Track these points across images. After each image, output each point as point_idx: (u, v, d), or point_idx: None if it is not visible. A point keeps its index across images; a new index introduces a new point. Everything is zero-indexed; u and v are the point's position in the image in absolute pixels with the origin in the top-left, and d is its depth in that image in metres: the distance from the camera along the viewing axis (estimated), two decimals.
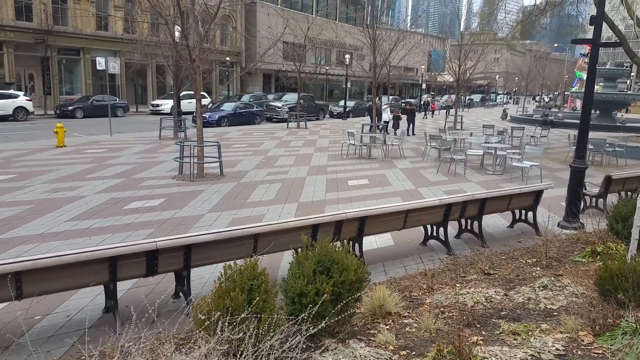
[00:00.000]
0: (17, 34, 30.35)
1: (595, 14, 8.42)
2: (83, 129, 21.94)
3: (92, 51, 33.63)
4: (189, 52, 11.37)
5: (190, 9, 12.04)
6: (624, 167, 14.94)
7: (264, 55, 17.30)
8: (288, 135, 21.77)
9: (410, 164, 14.55)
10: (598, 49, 8.38)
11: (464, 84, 29.41)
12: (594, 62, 8.41)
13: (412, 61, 56.44)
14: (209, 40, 22.02)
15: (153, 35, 23.73)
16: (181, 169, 11.55)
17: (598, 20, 8.19)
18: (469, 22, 32.93)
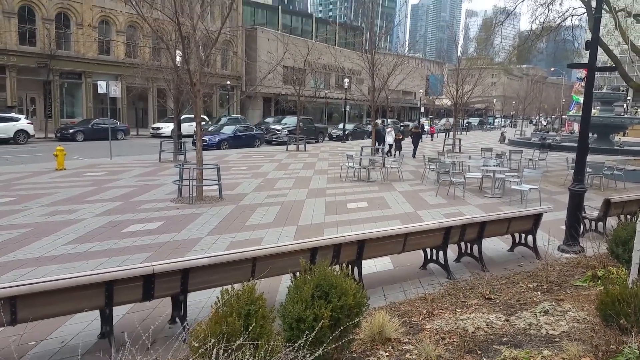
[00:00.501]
0: (20, 58, 30.73)
1: (590, 39, 8.53)
2: (83, 152, 22.01)
3: (93, 75, 33.98)
4: (190, 76, 11.48)
5: (191, 34, 12.20)
6: (622, 190, 14.95)
7: (264, 79, 17.49)
8: (287, 158, 21.83)
9: (409, 187, 14.56)
10: (594, 73, 8.49)
11: (462, 107, 29.65)
12: (590, 86, 8.49)
13: (411, 85, 56.99)
14: (210, 65, 22.29)
15: (154, 59, 24.01)
16: (180, 191, 11.54)
17: (593, 45, 8.30)
18: (466, 47, 33.39)
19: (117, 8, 34.95)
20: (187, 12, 12.57)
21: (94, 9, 34.48)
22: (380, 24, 55.88)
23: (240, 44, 46.21)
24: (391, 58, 25.92)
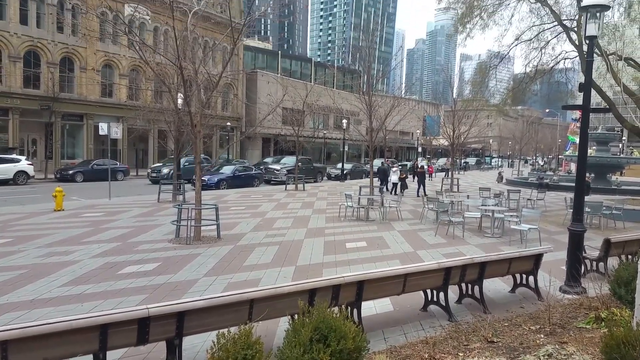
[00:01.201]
0: (24, 100, 31.22)
1: (583, 81, 8.71)
2: (82, 193, 22.02)
3: (95, 117, 34.45)
4: (191, 118, 11.65)
5: (193, 77, 12.46)
6: (622, 230, 14.90)
7: (264, 120, 17.74)
8: (286, 198, 21.84)
9: (408, 226, 14.51)
10: (588, 115, 8.61)
11: (459, 147, 29.94)
12: (585, 127, 8.61)
13: (408, 126, 57.85)
14: (211, 107, 22.66)
15: (156, 101, 24.42)
16: (178, 232, 11.48)
17: (586, 88, 8.47)
18: (461, 90, 34.06)
19: (120, 52, 35.79)
20: (190, 57, 12.90)
21: (98, 53, 35.31)
22: (377, 67, 57.09)
23: (241, 86, 47.12)
24: (388, 100, 26.41)
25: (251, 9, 13.21)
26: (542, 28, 22.16)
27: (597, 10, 8.16)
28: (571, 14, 21.26)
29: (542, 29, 22.17)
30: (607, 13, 16.05)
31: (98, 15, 19.30)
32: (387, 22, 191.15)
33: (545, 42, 22.21)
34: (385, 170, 26.63)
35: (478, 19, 21.75)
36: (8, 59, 30.66)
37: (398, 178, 25.40)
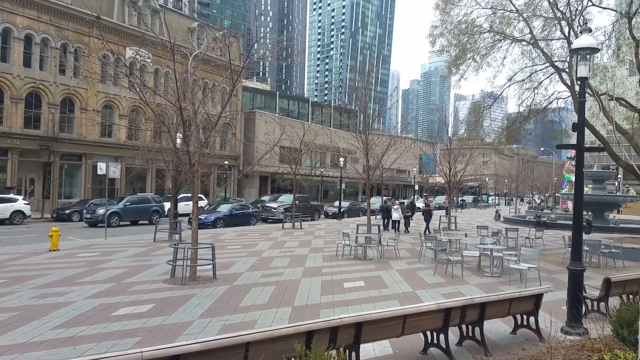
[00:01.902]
0: (24, 141, 31.43)
1: (576, 121, 8.85)
2: (79, 233, 21.88)
3: (94, 157, 34.61)
4: (189, 158, 11.73)
5: (192, 118, 12.62)
6: (622, 268, 14.81)
7: (262, 159, 17.88)
8: (283, 236, 21.72)
9: (406, 265, 14.38)
10: (583, 154, 8.72)
11: (456, 185, 30.07)
12: (580, 166, 8.68)
13: (404, 164, 58.22)
14: (209, 146, 22.83)
15: (155, 141, 24.61)
16: (173, 272, 11.35)
17: (580, 127, 8.61)
18: (456, 129, 34.53)
19: (121, 94, 36.34)
20: (189, 98, 13.11)
21: (99, 94, 35.84)
22: (373, 107, 57.88)
23: (239, 126, 47.67)
24: (385, 138, 26.74)
25: (250, 52, 13.51)
26: (534, 69, 22.71)
27: (587, 53, 8.39)
28: (562, 56, 21.85)
29: (534, 70, 22.72)
30: (596, 55, 16.47)
31: (100, 58, 19.70)
32: (382, 64, 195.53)
33: (538, 83, 22.71)
34: (389, 208, 26.83)
35: (471, 61, 22.30)
36: (10, 100, 31.05)
37: (403, 216, 25.83)
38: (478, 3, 21.85)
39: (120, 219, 25.73)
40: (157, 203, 28.47)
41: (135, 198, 28.08)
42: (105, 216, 22.16)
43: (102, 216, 24.09)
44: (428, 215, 26.28)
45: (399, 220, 25.87)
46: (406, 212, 26.61)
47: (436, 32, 22.75)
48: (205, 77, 31.51)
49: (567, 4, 19.92)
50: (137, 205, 27.31)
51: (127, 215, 26.41)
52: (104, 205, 24.35)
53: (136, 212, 27.13)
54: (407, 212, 26.86)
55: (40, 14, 32.17)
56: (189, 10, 51.60)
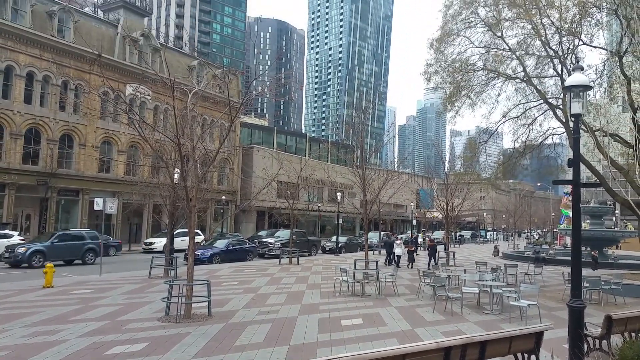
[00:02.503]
0: (21, 176, 31.43)
1: (572, 156, 8.93)
2: (73, 269, 21.62)
3: (91, 192, 34.56)
4: (187, 193, 11.74)
5: (190, 153, 12.70)
6: (623, 305, 14.64)
7: (259, 194, 17.86)
8: (280, 272, 21.48)
9: (405, 302, 14.19)
10: (579, 190, 8.76)
11: (453, 220, 30.03)
12: (577, 202, 8.72)
13: (402, 199, 58.31)
14: (207, 181, 22.88)
15: (153, 176, 24.66)
16: (168, 309, 11.16)
17: (575, 163, 8.67)
18: (452, 164, 34.77)
19: (120, 130, 36.63)
20: (188, 134, 13.23)
21: (98, 130, 36.12)
22: (370, 142, 58.15)
23: (237, 161, 47.90)
24: (382, 173, 26.85)
25: (249, 89, 13.74)
26: (528, 106, 23.08)
27: (580, 90, 8.56)
28: (556, 93, 22.25)
29: (529, 106, 23.09)
30: (589, 92, 16.80)
31: (100, 95, 20.01)
32: (378, 101, 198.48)
33: (533, 119, 23.04)
34: (392, 244, 26.88)
35: (466, 98, 22.68)
36: (9, 136, 31.23)
37: (407, 251, 25.95)
38: (472, 42, 22.40)
39: (45, 259, 22.02)
40: (93, 240, 25.17)
41: (67, 234, 25.09)
42: (25, 255, 20.55)
43: (21, 255, 21.82)
44: (433, 250, 26.44)
45: (401, 255, 26.02)
46: (409, 247, 26.86)
47: (431, 70, 23.22)
48: (204, 113, 31.88)
49: (559, 42, 20.44)
50: (68, 243, 24.15)
51: (55, 254, 23.07)
52: (27, 243, 21.99)
53: (66, 250, 23.98)
54: (411, 247, 27.10)
55: (43, 52, 32.77)
56: (189, 49, 52.64)
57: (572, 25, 20.07)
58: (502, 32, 21.60)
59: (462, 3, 21.93)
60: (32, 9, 32.52)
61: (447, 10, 22.37)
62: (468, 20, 22.17)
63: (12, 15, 31.63)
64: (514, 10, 20.81)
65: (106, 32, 38.35)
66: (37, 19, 32.93)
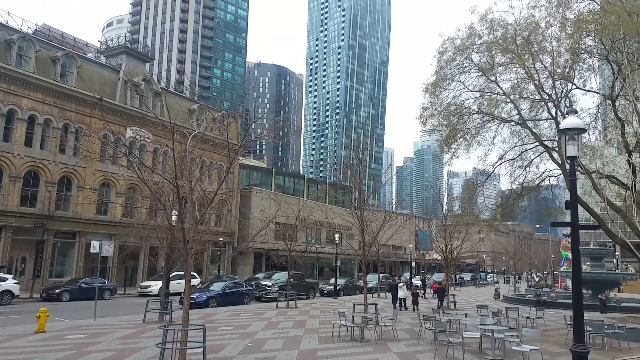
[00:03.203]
0: (19, 219, 31.25)
1: (569, 198, 8.97)
2: (68, 313, 21.19)
3: (88, 235, 34.30)
4: (184, 235, 11.67)
5: (188, 195, 12.72)
6: (627, 350, 14.33)
7: (257, 235, 17.76)
8: (277, 316, 21.08)
9: (405, 347, 13.87)
10: (578, 232, 8.76)
11: (453, 262, 29.77)
12: (576, 244, 8.70)
13: (400, 240, 57.95)
14: (204, 223, 22.81)
15: (150, 218, 24.58)
16: (162, 356, 10.86)
17: (573, 205, 8.72)
18: (450, 205, 34.80)
19: (119, 172, 36.75)
20: (187, 176, 13.29)
21: (97, 172, 36.22)
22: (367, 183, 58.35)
23: (235, 202, 47.86)
24: (380, 214, 26.84)
25: (247, 132, 13.92)
26: (524, 148, 23.36)
27: (575, 133, 8.71)
28: (551, 135, 22.57)
29: (525, 149, 23.37)
30: (584, 135, 17.07)
31: (100, 138, 20.16)
32: (376, 142, 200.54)
33: (529, 161, 23.27)
34: (396, 287, 26.70)
35: (462, 140, 22.97)
36: (8, 179, 31.27)
37: (405, 293, 25.91)
38: (466, 87, 22.91)
39: None
40: None
41: None
42: None
43: None
44: (441, 292, 26.34)
45: (404, 298, 25.90)
46: (413, 290, 26.80)
47: (426, 114, 23.63)
48: (204, 155, 32.14)
49: (552, 86, 20.92)
50: None
51: None
52: None
53: None
54: (415, 290, 27.02)
55: (45, 96, 33.28)
56: (189, 93, 53.64)
57: (564, 69, 20.62)
58: (495, 76, 22.15)
59: (455, 49, 22.57)
60: (36, 55, 33.27)
61: (442, 56, 22.99)
62: (462, 66, 22.76)
63: (17, 60, 32.33)
64: (507, 55, 21.40)
65: (108, 77, 39.13)
66: (41, 64, 33.65)
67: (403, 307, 25.70)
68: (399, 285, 26.58)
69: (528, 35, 20.82)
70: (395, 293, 26.59)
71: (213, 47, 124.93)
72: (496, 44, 21.49)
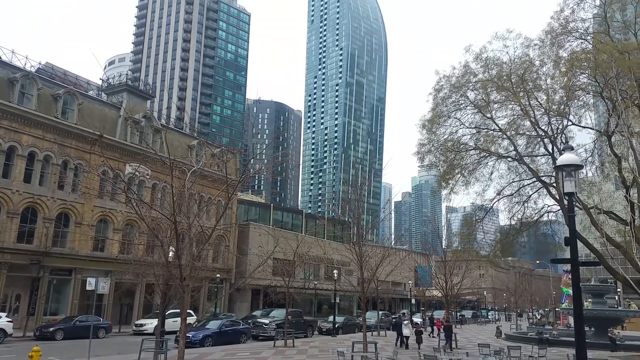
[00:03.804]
0: (15, 255, 30.88)
1: (568, 234, 8.93)
2: (61, 352, 20.71)
3: (84, 271, 33.83)
4: (181, 271, 11.58)
5: (186, 231, 12.67)
6: None
7: (254, 272, 17.58)
8: (274, 355, 20.62)
9: None
10: (578, 268, 8.69)
11: (453, 299, 29.39)
12: (577, 281, 8.61)
13: (399, 276, 57.15)
14: (202, 259, 22.61)
15: (147, 255, 24.36)
16: None
17: (572, 241, 8.68)
18: (450, 241, 34.62)
19: (117, 208, 36.51)
20: (185, 212, 13.28)
21: (95, 209, 36.05)
22: (366, 218, 58.30)
23: (233, 238, 47.56)
24: (379, 250, 26.67)
25: (246, 167, 14.01)
26: (522, 184, 23.48)
27: (572, 169, 8.77)
28: (548, 171, 22.71)
29: (522, 184, 23.48)
30: (581, 171, 17.17)
31: (99, 174, 20.20)
32: (374, 177, 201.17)
33: (527, 197, 23.33)
34: (401, 324, 26.29)
35: (459, 176, 23.10)
36: (6, 215, 31.08)
37: (410, 331, 25.64)
38: (462, 123, 23.22)
39: None
40: None
41: None
42: None
43: None
44: (449, 330, 25.91)
45: (408, 336, 25.53)
46: (417, 328, 26.42)
47: (424, 150, 23.85)
48: (202, 191, 32.13)
49: (548, 123, 21.22)
50: None
51: None
52: None
53: None
54: (418, 328, 26.65)
55: (46, 133, 33.49)
56: (189, 129, 54.18)
57: (559, 106, 20.97)
58: (491, 113, 22.48)
59: (451, 87, 22.99)
60: (38, 92, 33.68)
61: (438, 93, 23.39)
62: (458, 103, 23.14)
63: (19, 98, 32.70)
64: (502, 93, 21.79)
65: (109, 114, 39.54)
66: (43, 101, 34.04)
67: (404, 346, 25.19)
68: (404, 323, 26.11)
69: (523, 73, 21.26)
70: (400, 331, 26.14)
71: (213, 84, 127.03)
72: (491, 82, 21.91)
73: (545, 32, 21.33)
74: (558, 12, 20.89)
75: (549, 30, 21.17)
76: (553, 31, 21.01)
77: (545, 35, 21.36)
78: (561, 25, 20.83)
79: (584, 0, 20.69)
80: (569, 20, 20.72)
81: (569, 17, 20.71)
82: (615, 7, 21.09)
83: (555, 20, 20.95)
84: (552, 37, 21.01)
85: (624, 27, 21.29)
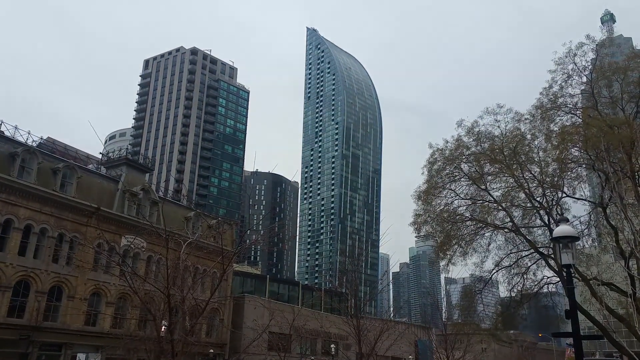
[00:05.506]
0: (4, 330, 29.77)
1: (568, 306, 8.79)
2: None
3: (74, 346, 32.53)
4: (173, 347, 11.22)
5: (180, 304, 12.42)
6: None
7: (249, 346, 17.03)
8: None
9: None
10: (580, 342, 8.47)
11: None
12: (580, 356, 8.37)
13: (399, 350, 55.08)
14: (195, 333, 21.91)
15: (139, 329, 23.62)
16: None
17: (572, 314, 8.52)
18: (450, 313, 33.80)
19: (110, 281, 35.68)
20: (179, 284, 13.08)
21: (89, 282, 35.23)
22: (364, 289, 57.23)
23: (227, 311, 46.23)
24: (377, 323, 25.94)
25: (242, 238, 13.99)
26: (519, 255, 23.34)
27: (568, 241, 8.81)
28: (545, 242, 22.67)
29: (520, 255, 23.34)
30: (578, 242, 17.16)
31: (94, 248, 20.07)
32: (371, 248, 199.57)
33: (526, 268, 23.12)
34: None
35: (457, 247, 23.03)
36: None
37: None
38: (457, 195, 23.49)
39: None
40: None
41: None
42: None
43: None
44: None
45: None
46: None
47: (420, 220, 23.94)
48: (198, 262, 31.64)
49: (542, 195, 21.48)
50: None
51: None
52: None
53: None
54: None
55: (43, 206, 33.44)
56: (186, 201, 54.41)
57: (553, 178, 21.35)
58: (486, 185, 22.81)
59: (445, 160, 23.50)
60: (38, 166, 34.05)
61: (432, 166, 23.86)
62: (452, 175, 23.54)
63: (19, 171, 32.96)
64: (496, 165, 22.25)
65: (107, 187, 39.78)
66: (42, 174, 34.33)
67: None
68: None
69: (515, 146, 21.82)
70: None
71: (212, 157, 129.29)
72: (484, 155, 22.44)
73: (535, 107, 22.18)
74: (547, 88, 21.87)
75: (538, 105, 22.01)
76: (543, 106, 21.83)
77: (535, 110, 22.19)
78: (550, 100, 21.70)
79: (572, 77, 21.68)
80: (558, 95, 21.63)
81: (558, 92, 21.64)
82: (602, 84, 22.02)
83: (545, 95, 21.88)
84: (542, 111, 21.79)
85: (612, 102, 22.08)
